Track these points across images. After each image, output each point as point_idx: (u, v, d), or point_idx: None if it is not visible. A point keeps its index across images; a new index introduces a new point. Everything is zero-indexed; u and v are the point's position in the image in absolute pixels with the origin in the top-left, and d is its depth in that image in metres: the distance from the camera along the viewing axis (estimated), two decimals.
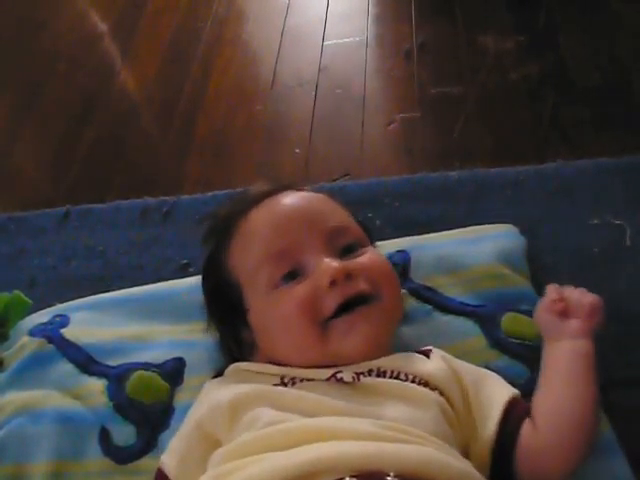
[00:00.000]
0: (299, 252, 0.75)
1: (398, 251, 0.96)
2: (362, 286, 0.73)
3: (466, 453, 0.69)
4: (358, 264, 0.75)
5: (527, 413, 0.73)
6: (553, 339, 0.78)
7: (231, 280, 0.80)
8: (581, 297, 0.79)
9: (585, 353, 0.75)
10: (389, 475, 0.58)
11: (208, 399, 0.74)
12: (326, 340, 0.72)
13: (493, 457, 0.70)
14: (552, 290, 0.82)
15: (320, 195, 0.84)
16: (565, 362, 0.75)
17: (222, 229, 0.83)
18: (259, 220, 0.80)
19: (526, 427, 0.71)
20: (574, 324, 0.77)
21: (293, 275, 0.75)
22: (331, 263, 0.73)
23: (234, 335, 0.82)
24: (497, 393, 0.74)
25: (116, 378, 0.86)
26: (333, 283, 0.72)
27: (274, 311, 0.75)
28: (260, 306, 0.77)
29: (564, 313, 0.79)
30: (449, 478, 0.60)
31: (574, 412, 0.71)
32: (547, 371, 0.77)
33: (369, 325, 0.72)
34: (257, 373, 0.75)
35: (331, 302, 0.72)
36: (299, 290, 0.73)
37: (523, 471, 0.70)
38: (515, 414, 0.72)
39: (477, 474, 0.64)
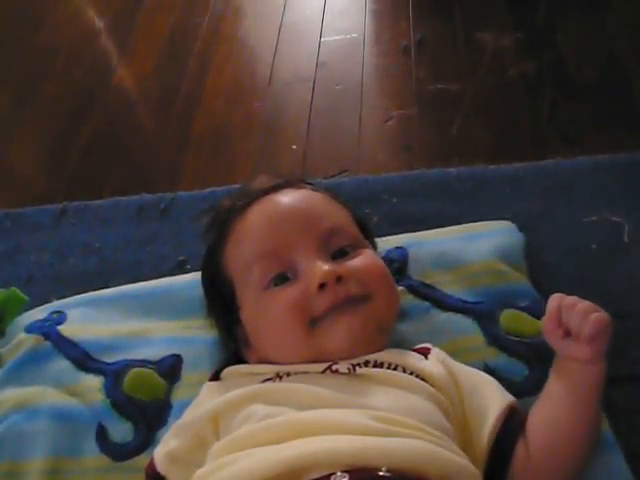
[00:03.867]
0: (291, 253, 0.75)
1: (396, 248, 0.95)
2: (352, 290, 0.73)
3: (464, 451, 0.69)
4: (349, 267, 0.74)
5: (522, 426, 0.71)
6: (562, 358, 0.74)
7: (225, 276, 0.80)
8: (582, 321, 0.69)
9: (590, 379, 0.71)
10: (381, 470, 0.58)
11: (203, 404, 0.74)
12: (313, 338, 0.72)
13: (487, 469, 0.69)
14: (551, 310, 0.73)
15: (318, 194, 0.83)
16: (568, 385, 0.72)
17: (219, 224, 0.83)
18: (254, 218, 0.79)
19: (520, 445, 0.70)
20: (578, 350, 0.70)
21: (284, 277, 0.75)
22: (322, 266, 0.72)
23: (228, 330, 0.82)
24: (491, 404, 0.72)
25: (113, 375, 0.86)
26: (322, 286, 0.72)
27: (264, 312, 0.75)
28: (251, 305, 0.77)
29: (568, 333, 0.72)
30: (442, 472, 0.60)
31: (569, 439, 0.70)
32: (550, 387, 0.74)
33: (355, 320, 0.72)
34: (252, 374, 0.75)
35: (321, 305, 0.72)
36: (289, 293, 0.73)
37: None
38: (510, 428, 0.70)
39: (473, 468, 0.64)
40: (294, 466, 0.59)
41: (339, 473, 0.57)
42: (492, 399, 0.72)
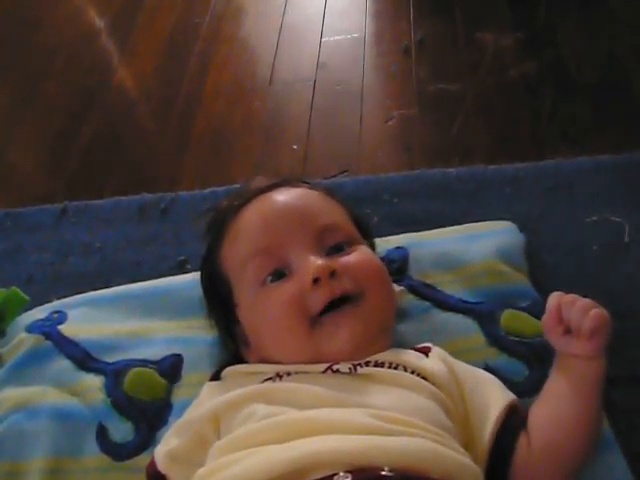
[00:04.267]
0: (285, 249, 0.75)
1: (396, 248, 0.95)
2: (346, 285, 0.73)
3: (466, 449, 0.69)
4: (342, 262, 0.74)
5: (524, 423, 0.71)
6: (562, 355, 0.75)
7: (222, 275, 0.80)
8: (582, 317, 0.71)
9: (590, 375, 0.72)
10: (383, 470, 0.58)
11: (203, 404, 0.74)
12: (313, 338, 0.72)
13: (488, 466, 0.69)
14: (551, 308, 0.74)
15: (314, 192, 0.83)
16: (570, 382, 0.72)
17: (216, 224, 0.84)
18: (250, 216, 0.80)
19: (522, 442, 0.70)
20: (579, 346, 0.71)
21: (279, 274, 0.75)
22: (315, 261, 0.73)
23: (227, 330, 0.82)
24: (493, 401, 0.72)
25: (114, 374, 0.86)
26: (316, 281, 0.72)
27: (261, 310, 0.75)
28: (248, 303, 0.77)
29: (569, 330, 0.73)
30: (444, 471, 0.60)
31: (571, 435, 0.70)
32: (551, 384, 0.74)
33: (355, 323, 0.72)
34: (252, 374, 0.75)
35: (317, 300, 0.72)
36: (284, 290, 0.73)
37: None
38: (511, 425, 0.71)
39: (474, 466, 0.64)
40: (297, 466, 0.59)
41: (342, 473, 0.57)
42: (493, 397, 0.73)
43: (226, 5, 1.76)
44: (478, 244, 0.95)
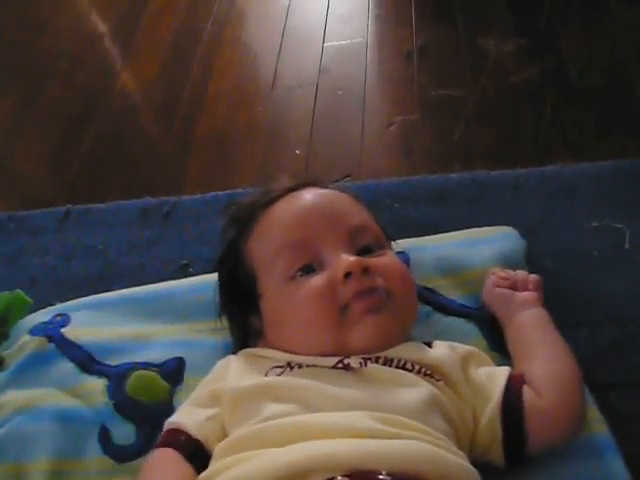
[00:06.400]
0: (318, 245, 0.76)
1: (398, 253, 0.95)
2: (377, 281, 0.74)
3: (466, 447, 0.70)
4: (375, 261, 0.76)
5: (524, 381, 0.75)
6: (509, 314, 0.84)
7: (247, 266, 0.81)
8: (527, 276, 0.88)
9: (546, 318, 0.83)
10: (381, 474, 0.58)
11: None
12: (341, 329, 0.73)
13: (503, 424, 0.72)
14: (498, 271, 0.89)
15: (344, 194, 0.85)
16: (534, 328, 0.82)
17: (244, 217, 0.85)
18: (282, 211, 0.81)
19: (527, 391, 0.74)
20: (527, 294, 0.85)
21: (309, 268, 0.76)
22: (349, 257, 0.74)
23: (243, 322, 0.83)
24: (497, 372, 0.77)
25: (116, 377, 0.86)
26: (348, 275, 0.73)
27: (289, 301, 0.76)
28: (274, 294, 0.78)
29: (512, 289, 0.86)
30: (441, 474, 0.61)
31: (565, 368, 0.77)
32: (520, 343, 0.82)
33: (381, 319, 0.73)
34: (264, 357, 0.77)
35: (347, 292, 0.73)
36: (315, 281, 0.74)
37: (534, 433, 0.72)
38: (515, 381, 0.75)
39: (472, 469, 0.65)
40: (295, 470, 0.59)
41: (339, 477, 0.58)
42: (496, 369, 0.78)
43: (229, 10, 1.77)
44: (479, 249, 0.96)
